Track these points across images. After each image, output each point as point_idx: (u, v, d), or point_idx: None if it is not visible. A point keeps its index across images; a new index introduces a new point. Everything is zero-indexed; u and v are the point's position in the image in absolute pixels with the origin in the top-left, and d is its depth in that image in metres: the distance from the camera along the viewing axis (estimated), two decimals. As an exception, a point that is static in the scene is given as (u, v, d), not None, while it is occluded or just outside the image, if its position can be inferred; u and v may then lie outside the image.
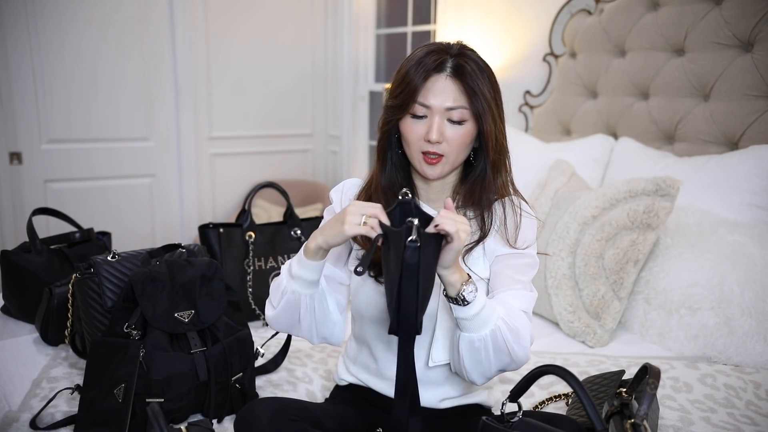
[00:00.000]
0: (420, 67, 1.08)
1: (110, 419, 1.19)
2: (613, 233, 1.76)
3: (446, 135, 1.09)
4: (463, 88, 1.08)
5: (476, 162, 1.16)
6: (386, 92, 1.17)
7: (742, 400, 1.39)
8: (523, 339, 1.05)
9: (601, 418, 0.89)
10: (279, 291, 1.11)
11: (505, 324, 1.03)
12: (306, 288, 1.09)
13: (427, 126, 1.09)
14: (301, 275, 1.08)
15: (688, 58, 2.13)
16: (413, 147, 1.12)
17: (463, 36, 3.03)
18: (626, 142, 2.25)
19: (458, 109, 1.09)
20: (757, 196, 1.83)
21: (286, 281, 1.10)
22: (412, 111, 1.10)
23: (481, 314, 1.02)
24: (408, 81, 1.09)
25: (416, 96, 1.09)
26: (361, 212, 0.99)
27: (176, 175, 3.38)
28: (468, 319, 1.02)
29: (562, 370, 0.91)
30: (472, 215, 1.17)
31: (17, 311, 1.80)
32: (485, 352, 1.04)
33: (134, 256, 1.48)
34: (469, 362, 1.07)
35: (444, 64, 1.09)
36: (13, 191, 2.92)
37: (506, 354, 1.04)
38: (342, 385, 1.27)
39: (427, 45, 1.13)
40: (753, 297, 1.59)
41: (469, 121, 1.10)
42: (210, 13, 3.30)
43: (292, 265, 1.09)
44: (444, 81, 1.08)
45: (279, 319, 1.14)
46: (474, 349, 1.04)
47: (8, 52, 2.78)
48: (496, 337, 1.03)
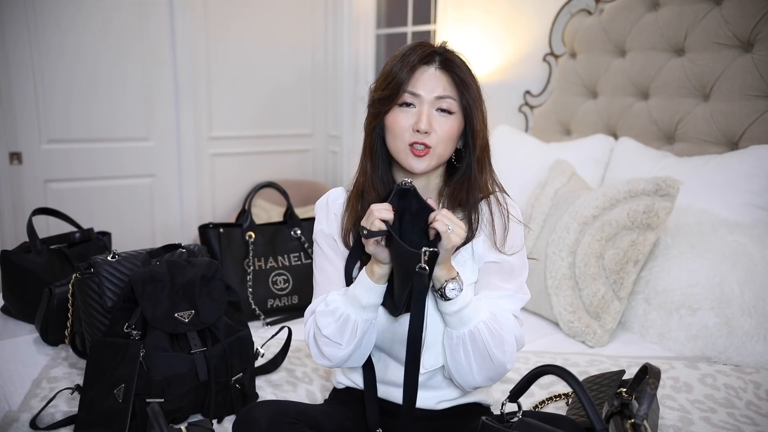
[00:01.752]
0: (408, 58, 1.08)
1: (110, 419, 1.19)
2: (613, 233, 1.76)
3: (434, 126, 1.08)
4: (452, 80, 1.09)
5: (460, 162, 1.16)
6: (370, 92, 1.16)
7: (742, 400, 1.39)
8: (507, 345, 1.07)
9: (601, 418, 0.89)
10: (347, 327, 1.08)
11: (486, 328, 1.05)
12: (374, 312, 1.10)
13: (416, 116, 1.08)
14: (372, 301, 1.08)
15: (688, 58, 2.13)
16: (400, 139, 1.10)
17: (463, 36, 3.04)
18: (626, 142, 2.25)
19: (447, 98, 1.09)
20: (757, 196, 1.83)
21: (354, 314, 1.08)
22: (401, 100, 1.09)
23: (463, 313, 1.04)
24: (396, 72, 1.08)
25: (406, 85, 1.08)
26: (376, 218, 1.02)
27: (176, 175, 3.38)
28: (449, 314, 1.05)
29: (561, 370, 0.91)
30: (459, 216, 1.16)
31: (17, 311, 1.80)
32: (464, 351, 1.06)
33: (134, 256, 1.48)
34: (451, 361, 1.09)
35: (432, 56, 1.10)
36: (13, 191, 2.91)
37: (487, 358, 1.06)
38: (339, 388, 1.27)
39: (413, 43, 1.13)
40: (753, 297, 1.59)
41: (457, 114, 1.10)
42: (210, 13, 3.30)
43: (360, 297, 1.07)
44: (433, 71, 1.09)
45: (354, 357, 1.12)
46: (453, 346, 1.07)
47: (8, 52, 2.78)
48: (474, 338, 1.05)
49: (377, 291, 1.07)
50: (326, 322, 1.10)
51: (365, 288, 1.07)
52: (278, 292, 1.93)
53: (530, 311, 1.94)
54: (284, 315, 1.93)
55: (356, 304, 1.08)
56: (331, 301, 1.11)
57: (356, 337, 1.08)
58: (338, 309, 1.09)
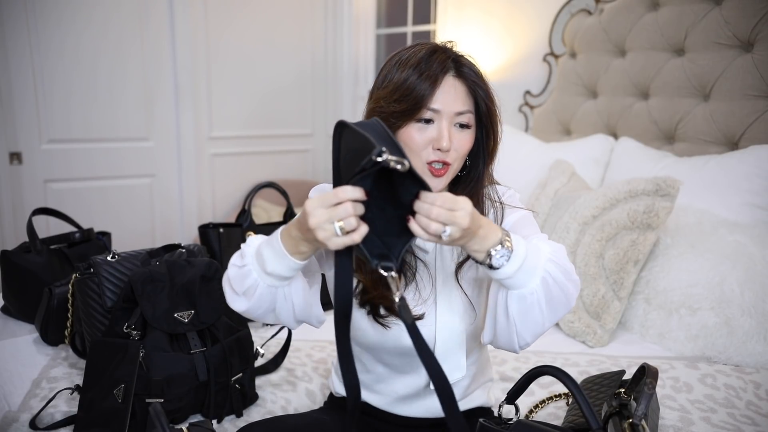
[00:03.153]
0: (428, 68, 0.99)
1: (110, 419, 1.19)
2: (613, 233, 1.76)
3: (453, 142, 1.00)
4: (468, 89, 1.02)
5: (467, 170, 1.08)
6: (374, 100, 1.04)
7: (742, 400, 1.39)
8: (573, 273, 0.94)
9: (597, 418, 0.89)
10: (246, 282, 0.94)
11: (553, 265, 0.90)
12: (283, 281, 0.93)
13: (436, 132, 0.99)
14: (279, 273, 0.91)
15: (688, 58, 2.13)
16: (417, 157, 1.00)
17: (463, 36, 3.03)
18: (626, 142, 2.25)
19: (466, 113, 1.01)
20: (758, 196, 1.83)
21: (257, 275, 0.92)
22: (420, 116, 0.99)
23: (525, 265, 0.87)
24: (415, 84, 0.98)
25: (428, 101, 0.98)
26: (330, 218, 0.78)
27: (176, 175, 3.38)
28: (509, 277, 0.88)
29: (557, 371, 0.91)
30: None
31: (17, 311, 1.80)
32: (539, 306, 0.90)
33: (134, 256, 1.48)
34: (522, 323, 0.92)
35: (447, 62, 1.01)
36: (13, 191, 2.91)
37: (562, 298, 0.91)
38: (337, 396, 1.25)
39: (422, 44, 1.04)
40: (753, 297, 1.59)
41: (473, 127, 1.03)
42: (210, 13, 3.30)
43: (267, 261, 0.90)
44: (452, 82, 1.00)
45: (252, 311, 0.97)
46: (527, 306, 0.90)
47: (8, 52, 2.78)
48: (547, 284, 0.90)
49: (291, 266, 0.90)
50: (234, 262, 0.96)
51: (277, 255, 0.90)
52: (278, 292, 1.93)
53: (530, 311, 1.94)
54: (284, 315, 1.92)
55: (261, 264, 0.91)
56: (249, 244, 0.96)
57: (254, 297, 0.94)
58: (246, 256, 0.94)
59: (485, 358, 1.21)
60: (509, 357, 1.63)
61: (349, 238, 0.77)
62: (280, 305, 0.97)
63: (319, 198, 0.79)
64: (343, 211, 0.77)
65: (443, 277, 1.08)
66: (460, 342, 1.08)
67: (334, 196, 0.77)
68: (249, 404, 1.38)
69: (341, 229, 0.77)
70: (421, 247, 1.09)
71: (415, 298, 1.08)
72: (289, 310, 0.98)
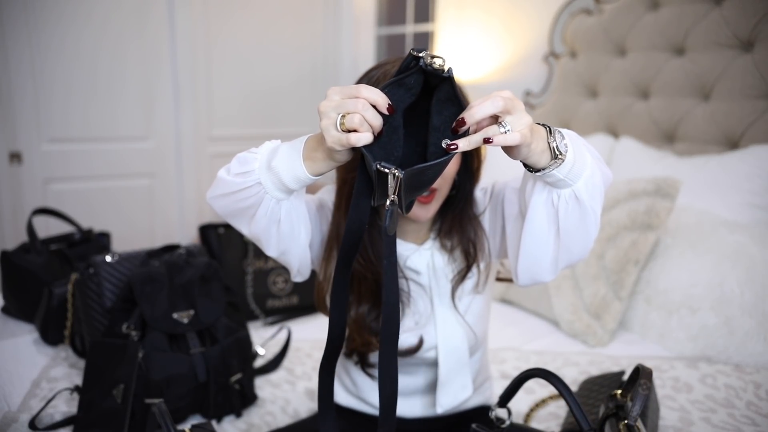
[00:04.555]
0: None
1: (109, 420, 1.19)
2: (613, 233, 1.76)
3: None
4: None
5: (455, 190, 1.03)
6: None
7: (743, 400, 1.39)
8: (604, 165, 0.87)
9: (588, 419, 0.89)
10: (245, 167, 0.80)
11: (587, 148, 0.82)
12: (277, 191, 0.80)
13: None
14: (293, 187, 0.79)
15: (689, 58, 2.13)
16: None
17: (463, 36, 3.03)
18: (626, 142, 2.25)
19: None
20: (758, 195, 1.82)
21: (258, 165, 0.79)
22: None
23: (577, 150, 0.79)
24: None
25: None
26: (337, 106, 0.68)
27: (176, 175, 3.38)
28: (573, 163, 0.78)
29: (547, 373, 0.91)
30: (456, 244, 1.04)
31: (17, 311, 1.79)
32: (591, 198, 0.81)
33: (133, 256, 1.48)
34: (576, 228, 0.83)
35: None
36: (13, 191, 2.91)
37: (601, 185, 0.83)
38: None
39: (391, 61, 0.94)
40: (753, 297, 1.58)
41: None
42: (210, 12, 3.30)
43: (277, 156, 0.78)
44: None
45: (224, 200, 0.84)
46: (580, 204, 0.81)
47: (8, 51, 2.78)
48: (594, 170, 0.82)
49: (296, 175, 0.77)
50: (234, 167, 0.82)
51: (291, 154, 0.77)
52: (278, 293, 1.93)
53: (530, 311, 1.94)
54: (284, 315, 1.93)
55: (270, 157, 0.79)
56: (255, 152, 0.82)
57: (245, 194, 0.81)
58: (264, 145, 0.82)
59: (485, 359, 1.21)
60: (509, 356, 1.63)
61: (345, 137, 0.67)
62: (259, 219, 0.83)
63: (341, 87, 0.70)
64: (352, 105, 0.67)
65: (440, 298, 1.06)
66: (464, 362, 1.07)
67: (355, 89, 0.68)
68: (248, 404, 1.38)
69: (341, 124, 0.67)
70: (414, 268, 1.06)
71: (413, 321, 1.06)
72: (268, 232, 0.85)
